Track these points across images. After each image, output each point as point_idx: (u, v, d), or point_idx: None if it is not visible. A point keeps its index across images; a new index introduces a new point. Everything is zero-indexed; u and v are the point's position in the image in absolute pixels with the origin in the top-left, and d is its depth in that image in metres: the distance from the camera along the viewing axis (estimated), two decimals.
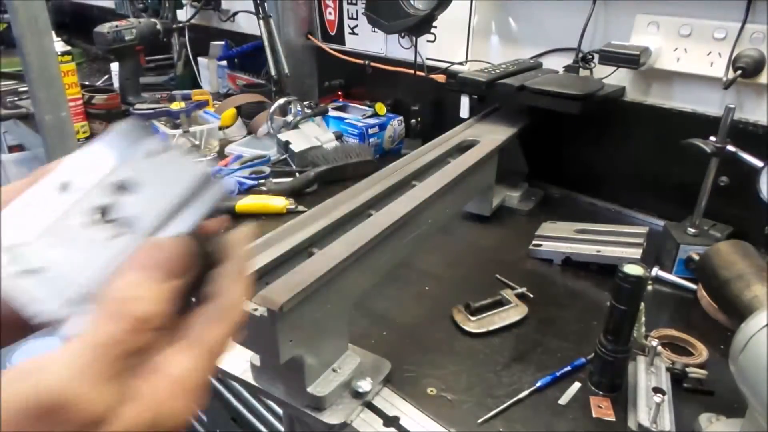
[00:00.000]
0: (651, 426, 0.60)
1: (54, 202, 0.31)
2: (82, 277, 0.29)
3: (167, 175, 0.33)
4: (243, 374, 0.67)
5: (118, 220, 0.31)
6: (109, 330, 0.24)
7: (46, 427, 0.22)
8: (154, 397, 0.24)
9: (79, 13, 2.70)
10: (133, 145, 0.33)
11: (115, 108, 1.50)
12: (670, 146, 1.03)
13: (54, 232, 0.30)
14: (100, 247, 0.30)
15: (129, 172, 0.32)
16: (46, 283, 0.29)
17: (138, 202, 0.32)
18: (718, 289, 0.59)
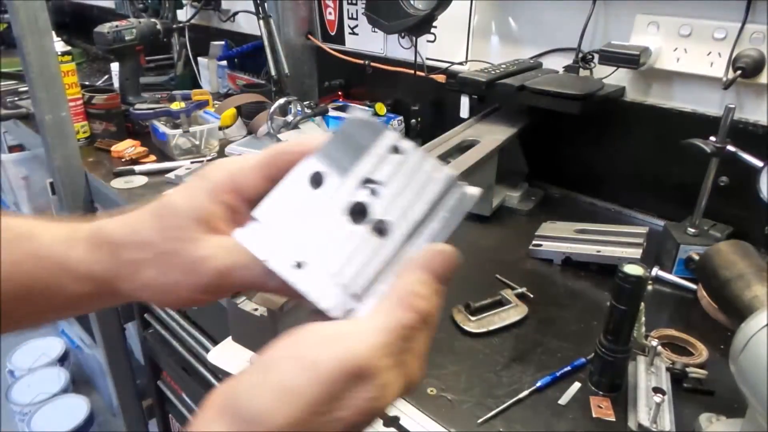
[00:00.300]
0: (651, 426, 0.60)
1: (308, 195, 0.33)
2: (347, 273, 0.31)
3: (415, 178, 0.33)
4: None
5: (373, 221, 0.33)
6: (402, 318, 0.29)
7: (352, 386, 0.26)
8: (412, 369, 0.29)
9: (79, 13, 2.70)
10: (371, 138, 0.34)
11: (115, 108, 1.50)
12: (670, 146, 1.03)
13: (309, 227, 0.32)
14: (360, 246, 0.32)
15: (375, 170, 0.33)
16: (313, 275, 0.31)
17: (390, 204, 0.33)
18: (718, 289, 0.59)
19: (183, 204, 0.35)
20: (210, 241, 0.34)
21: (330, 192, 0.33)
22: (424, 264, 0.31)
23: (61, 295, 0.36)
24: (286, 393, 0.26)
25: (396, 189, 0.33)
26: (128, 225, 0.36)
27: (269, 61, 1.51)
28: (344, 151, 0.33)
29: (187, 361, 1.28)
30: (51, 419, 2.04)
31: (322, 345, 0.27)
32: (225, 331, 0.79)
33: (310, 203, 0.32)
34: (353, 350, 0.27)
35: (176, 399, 1.46)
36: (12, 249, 0.36)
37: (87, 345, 2.16)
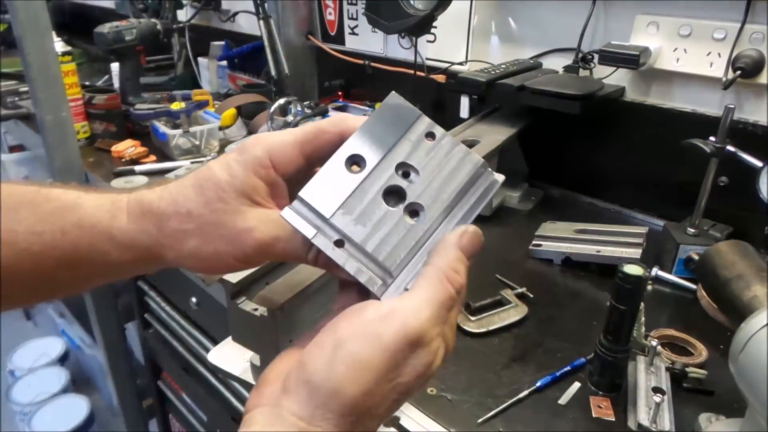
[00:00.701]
0: (651, 426, 0.60)
1: (348, 177, 0.35)
2: (383, 251, 0.34)
3: (446, 163, 0.36)
4: (243, 374, 0.67)
5: (407, 204, 0.36)
6: (446, 291, 0.33)
7: (411, 354, 0.31)
8: (450, 336, 0.34)
9: (79, 14, 2.70)
10: (407, 123, 0.36)
11: (115, 108, 1.50)
12: (670, 146, 1.03)
13: (350, 207, 0.35)
14: (395, 227, 0.35)
15: (410, 155, 0.36)
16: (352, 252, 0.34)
17: (423, 188, 0.36)
18: (718, 289, 0.59)
19: (224, 177, 0.36)
20: (252, 213, 0.36)
21: (367, 175, 0.35)
22: (458, 243, 0.34)
23: (105, 262, 0.38)
24: (358, 366, 0.30)
25: (429, 173, 0.36)
26: (170, 196, 0.37)
27: (269, 62, 1.51)
28: (381, 135, 0.36)
29: (187, 361, 1.28)
30: (51, 419, 2.04)
31: (383, 321, 0.31)
32: (225, 331, 0.78)
33: (350, 185, 0.35)
34: (410, 322, 0.31)
35: (176, 399, 1.46)
36: (58, 218, 0.37)
37: (87, 345, 2.16)
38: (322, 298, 0.60)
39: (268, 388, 0.32)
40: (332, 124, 0.38)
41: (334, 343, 0.30)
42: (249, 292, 0.54)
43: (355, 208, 0.35)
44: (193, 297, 1.14)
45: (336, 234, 0.34)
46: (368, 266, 0.34)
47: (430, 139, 0.36)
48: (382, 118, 0.36)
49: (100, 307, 1.58)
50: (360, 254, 0.34)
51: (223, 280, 0.54)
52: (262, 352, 0.63)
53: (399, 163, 0.36)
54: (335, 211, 0.34)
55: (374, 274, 0.34)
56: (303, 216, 0.34)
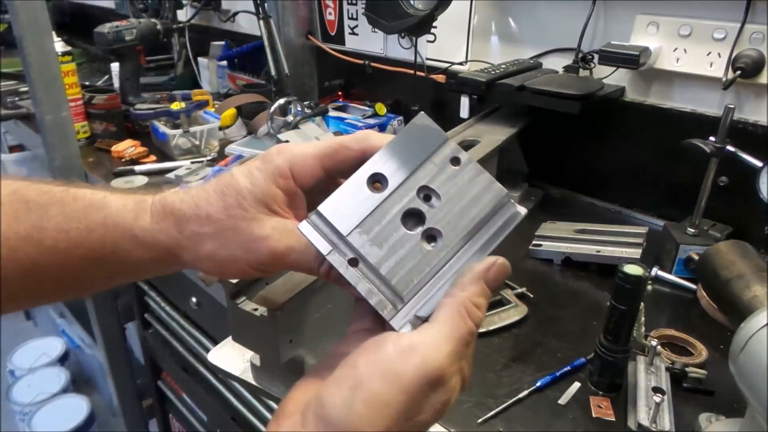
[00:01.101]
0: (651, 426, 0.60)
1: (368, 196, 0.35)
2: (397, 275, 0.34)
3: (468, 191, 0.36)
4: (243, 374, 0.67)
5: (425, 229, 0.35)
6: (466, 327, 0.32)
7: (430, 392, 0.30)
8: (467, 370, 0.34)
9: (79, 14, 2.70)
10: (433, 145, 0.36)
11: (115, 108, 1.50)
12: (669, 146, 1.03)
13: (368, 227, 0.34)
14: (411, 251, 0.35)
15: (433, 178, 0.35)
16: (366, 272, 0.34)
17: (443, 214, 0.35)
18: (718, 289, 0.59)
19: (245, 184, 0.37)
20: (269, 222, 0.37)
21: (388, 195, 0.35)
22: (484, 276, 0.34)
23: (127, 260, 0.39)
24: (377, 407, 0.29)
25: (450, 199, 0.35)
26: (192, 200, 0.38)
27: (269, 61, 1.51)
28: (405, 156, 0.35)
29: (187, 361, 1.28)
30: (51, 419, 2.04)
31: (402, 357, 0.30)
32: (225, 331, 0.78)
33: (369, 204, 0.35)
34: (430, 360, 0.30)
35: (176, 399, 1.46)
36: (84, 217, 0.39)
37: (87, 345, 2.16)
38: (322, 298, 0.60)
39: (286, 420, 0.32)
40: (355, 140, 0.38)
41: (354, 381, 0.30)
42: (249, 292, 0.54)
43: (372, 228, 0.34)
44: (193, 297, 1.14)
45: (351, 252, 0.34)
46: (380, 288, 0.34)
47: (455, 164, 0.36)
48: (407, 138, 0.36)
49: (100, 307, 1.59)
50: (373, 275, 0.34)
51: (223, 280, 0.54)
52: (262, 352, 0.63)
53: (421, 186, 0.35)
54: (352, 230, 0.34)
55: (385, 297, 0.34)
56: (319, 230, 0.34)
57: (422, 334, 0.32)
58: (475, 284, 0.33)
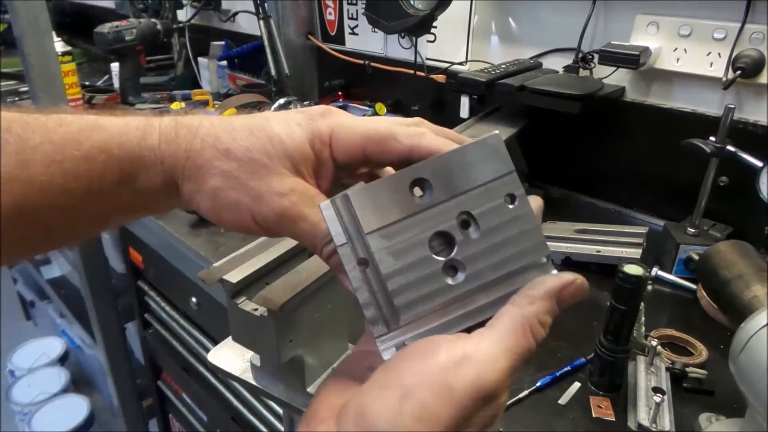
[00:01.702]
0: (651, 426, 0.60)
1: (402, 200, 0.31)
2: (402, 298, 0.31)
3: (512, 239, 0.32)
4: (243, 374, 0.67)
5: (451, 258, 0.31)
6: (527, 345, 0.29)
7: (481, 407, 0.28)
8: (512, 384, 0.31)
9: (79, 14, 2.70)
10: (494, 172, 0.32)
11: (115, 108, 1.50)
12: (670, 146, 1.03)
13: (391, 233, 0.31)
14: (428, 277, 0.31)
15: (480, 208, 0.32)
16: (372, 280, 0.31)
17: (475, 251, 0.31)
18: (718, 289, 0.59)
19: (279, 133, 0.34)
20: (291, 180, 0.34)
21: (425, 208, 0.31)
22: (557, 294, 0.31)
23: (132, 190, 0.34)
24: (427, 419, 0.27)
25: (489, 238, 0.32)
26: (213, 128, 0.34)
27: (269, 61, 1.51)
28: (460, 172, 0.32)
29: (187, 361, 1.28)
30: (51, 419, 2.04)
31: (456, 368, 0.28)
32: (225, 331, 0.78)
33: (402, 209, 0.31)
34: (485, 376, 0.28)
35: (176, 399, 1.46)
36: (78, 144, 0.33)
37: (87, 345, 2.16)
38: (322, 298, 0.60)
39: (320, 425, 0.29)
40: (407, 135, 0.34)
41: (402, 391, 0.27)
42: (249, 292, 0.54)
43: (395, 236, 0.31)
44: (193, 297, 1.14)
45: (364, 252, 0.31)
46: (380, 302, 0.31)
47: (509, 201, 0.32)
48: (470, 154, 0.32)
49: (100, 307, 1.59)
50: (378, 285, 0.31)
51: (223, 280, 0.54)
52: (262, 352, 0.63)
53: (464, 211, 0.31)
54: (375, 230, 0.31)
55: (382, 313, 0.31)
56: (340, 216, 0.31)
57: (479, 343, 0.29)
58: (547, 300, 0.30)
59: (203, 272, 0.55)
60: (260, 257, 0.61)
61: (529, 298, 0.30)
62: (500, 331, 0.29)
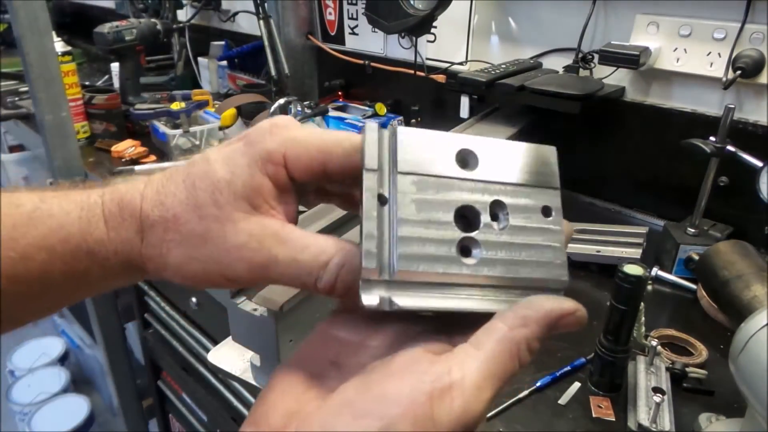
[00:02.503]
0: (651, 426, 0.60)
1: (447, 159, 0.29)
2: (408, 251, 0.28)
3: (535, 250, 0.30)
4: (243, 374, 0.67)
5: (468, 237, 0.29)
6: (513, 368, 0.27)
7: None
8: None
9: (79, 14, 2.70)
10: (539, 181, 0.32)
11: (115, 108, 1.50)
12: (670, 146, 1.03)
13: (424, 185, 0.29)
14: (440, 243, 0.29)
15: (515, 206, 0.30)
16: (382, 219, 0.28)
17: (493, 242, 0.30)
18: (718, 289, 0.59)
19: (224, 175, 0.30)
20: (246, 225, 0.30)
21: (465, 178, 0.30)
22: (552, 323, 0.28)
23: (85, 282, 0.32)
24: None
25: (512, 238, 0.30)
26: (157, 197, 0.31)
27: (269, 62, 1.51)
28: (510, 165, 0.31)
29: (187, 361, 1.28)
30: (51, 419, 2.04)
31: (440, 400, 0.25)
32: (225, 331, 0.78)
33: (443, 168, 0.29)
34: (470, 408, 0.26)
35: (176, 399, 1.46)
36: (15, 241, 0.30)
37: (87, 345, 2.17)
38: (322, 298, 0.60)
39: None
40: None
41: (381, 423, 0.24)
42: (249, 292, 0.54)
43: (425, 189, 0.29)
44: (193, 297, 1.14)
45: (388, 189, 0.29)
46: (383, 242, 0.28)
47: (545, 213, 0.31)
48: (525, 152, 0.31)
49: (100, 307, 1.59)
50: (388, 225, 0.28)
51: None
52: (262, 352, 0.63)
53: (498, 200, 0.30)
54: (408, 173, 0.29)
55: (380, 254, 0.28)
56: (381, 144, 0.29)
57: (464, 367, 0.26)
58: (542, 326, 0.27)
59: None
60: None
61: (522, 319, 0.27)
62: (487, 352, 0.26)
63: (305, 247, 0.30)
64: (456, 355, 0.27)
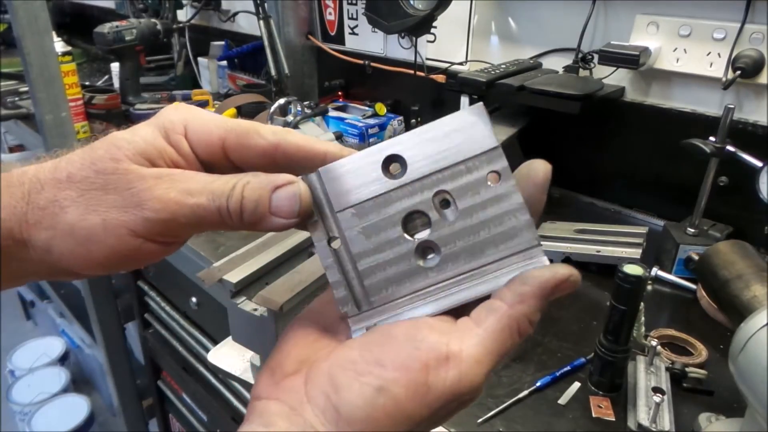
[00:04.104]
0: (650, 425, 0.60)
1: (376, 177, 0.29)
2: (374, 278, 0.30)
3: (496, 222, 0.29)
4: (243, 374, 0.67)
5: (425, 240, 0.29)
6: (511, 343, 0.28)
7: (457, 402, 0.28)
8: None
9: (79, 14, 2.70)
10: (476, 148, 0.29)
11: (115, 108, 1.50)
12: (669, 146, 1.03)
13: (364, 212, 0.30)
14: (401, 258, 0.29)
15: (460, 187, 0.29)
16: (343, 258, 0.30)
17: (452, 233, 0.29)
18: (718, 289, 0.59)
19: (124, 135, 0.29)
20: (152, 171, 0.29)
21: (400, 186, 0.29)
22: (550, 292, 0.28)
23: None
24: (398, 417, 0.26)
25: (469, 221, 0.29)
26: (51, 163, 0.30)
27: (269, 62, 1.51)
28: (438, 148, 0.29)
29: (187, 361, 1.28)
30: (51, 419, 2.04)
31: (437, 369, 0.27)
32: (225, 331, 0.78)
33: (376, 187, 0.29)
34: (465, 379, 0.27)
35: (176, 399, 1.46)
36: None
37: (87, 345, 2.16)
38: None
39: (285, 379, 0.28)
40: (273, 131, 0.31)
41: (379, 382, 0.26)
42: (249, 292, 0.54)
43: (368, 215, 0.29)
44: (193, 297, 1.14)
45: (336, 230, 0.30)
46: (351, 282, 0.30)
47: (494, 179, 0.29)
48: (450, 128, 0.29)
49: (100, 307, 1.59)
50: (349, 265, 0.30)
51: (223, 280, 0.54)
52: (262, 352, 0.63)
53: (441, 190, 0.29)
54: (346, 208, 0.29)
55: (353, 293, 0.30)
56: (314, 192, 0.30)
57: (463, 342, 0.27)
58: (540, 299, 0.28)
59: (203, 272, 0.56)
60: (260, 257, 0.61)
61: (519, 296, 0.28)
62: (487, 330, 0.28)
63: (216, 178, 0.29)
64: (457, 328, 0.28)
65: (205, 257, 0.96)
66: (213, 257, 0.94)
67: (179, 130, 0.30)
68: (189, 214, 0.28)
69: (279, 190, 0.29)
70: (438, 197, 0.29)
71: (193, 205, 0.28)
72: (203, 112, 0.31)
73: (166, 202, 0.28)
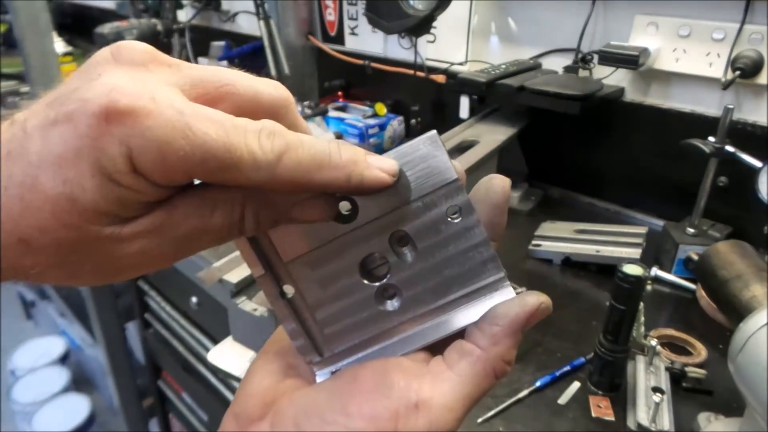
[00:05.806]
0: (650, 425, 0.61)
1: (326, 230, 0.27)
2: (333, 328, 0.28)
3: (459, 259, 0.27)
4: (243, 374, 0.67)
5: (385, 284, 0.27)
6: (487, 385, 0.27)
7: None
8: None
9: (80, 14, 2.70)
10: (434, 182, 0.26)
11: None
12: (669, 146, 1.03)
13: (316, 260, 0.27)
14: (360, 305, 0.28)
15: (418, 227, 0.27)
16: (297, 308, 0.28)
17: (413, 274, 0.27)
18: (717, 289, 0.59)
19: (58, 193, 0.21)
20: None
21: (352, 229, 0.27)
22: (520, 327, 0.27)
23: None
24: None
25: (431, 261, 0.27)
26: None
27: (269, 62, 1.51)
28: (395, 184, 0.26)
29: (187, 360, 1.28)
30: (52, 418, 2.04)
31: (406, 417, 0.25)
32: (225, 331, 0.79)
33: (327, 233, 0.27)
34: (436, 427, 0.25)
35: (176, 398, 1.47)
36: None
37: (88, 345, 2.17)
38: None
39: (251, 425, 0.27)
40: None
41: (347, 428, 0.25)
42: (249, 292, 0.55)
43: (321, 263, 0.27)
44: (193, 297, 1.14)
45: (288, 281, 0.28)
46: (310, 330, 0.28)
47: (454, 215, 0.26)
48: (405, 160, 0.26)
49: (101, 307, 1.59)
50: (307, 314, 0.28)
51: (223, 280, 0.54)
52: None
53: (395, 233, 0.27)
54: (296, 258, 0.27)
55: (314, 342, 0.28)
56: (257, 244, 0.27)
57: (435, 387, 0.26)
58: (511, 338, 0.26)
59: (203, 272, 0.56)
60: None
61: (492, 338, 0.26)
62: (461, 375, 0.26)
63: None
64: (429, 370, 0.27)
65: (205, 257, 0.96)
66: (213, 257, 0.94)
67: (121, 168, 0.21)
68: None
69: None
70: (396, 236, 0.27)
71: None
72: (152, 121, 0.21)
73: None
